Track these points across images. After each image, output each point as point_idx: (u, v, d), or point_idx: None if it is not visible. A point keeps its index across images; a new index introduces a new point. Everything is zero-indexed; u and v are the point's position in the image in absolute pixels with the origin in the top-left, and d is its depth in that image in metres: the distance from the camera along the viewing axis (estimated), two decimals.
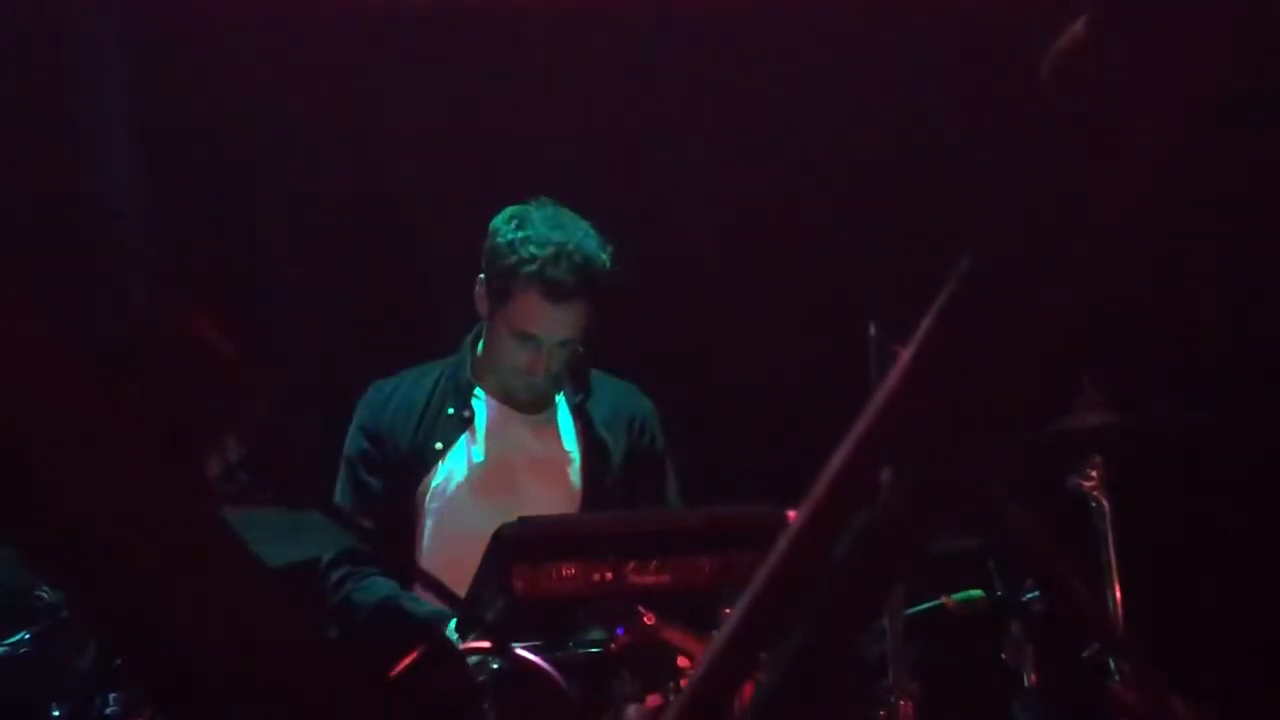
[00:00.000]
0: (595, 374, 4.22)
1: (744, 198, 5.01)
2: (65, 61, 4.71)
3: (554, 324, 3.99)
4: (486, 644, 3.07)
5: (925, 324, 1.19)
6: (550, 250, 3.95)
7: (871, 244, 4.82)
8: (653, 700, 3.15)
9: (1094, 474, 3.61)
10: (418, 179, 4.99)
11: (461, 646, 3.13)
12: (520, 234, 3.99)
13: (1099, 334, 3.86)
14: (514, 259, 3.98)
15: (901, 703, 3.25)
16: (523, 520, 3.37)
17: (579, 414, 4.14)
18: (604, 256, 3.99)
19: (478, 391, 4.14)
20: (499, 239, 4.02)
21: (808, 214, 4.93)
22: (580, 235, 3.98)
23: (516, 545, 3.27)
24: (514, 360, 4.04)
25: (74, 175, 4.65)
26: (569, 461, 4.12)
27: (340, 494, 4.07)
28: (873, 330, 3.21)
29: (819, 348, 4.58)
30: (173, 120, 4.77)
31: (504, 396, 4.14)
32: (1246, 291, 4.72)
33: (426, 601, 3.86)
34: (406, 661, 2.36)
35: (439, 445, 4.09)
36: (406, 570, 3.92)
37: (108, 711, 3.25)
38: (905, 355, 1.24)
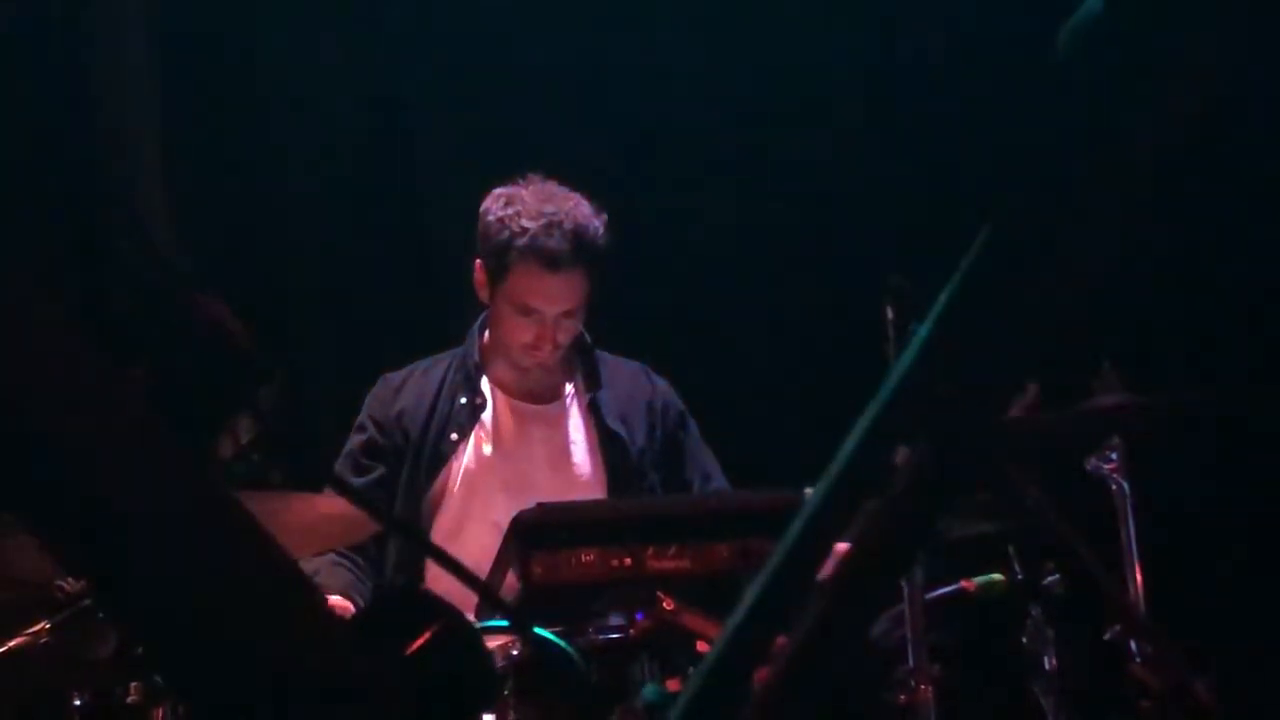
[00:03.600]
0: (605, 357, 4.21)
1: (761, 179, 5.00)
2: (86, 39, 4.73)
3: (553, 294, 3.99)
4: (505, 624, 3.08)
5: (940, 302, 1.19)
6: (542, 221, 3.97)
7: (890, 226, 4.81)
8: (672, 685, 3.15)
9: (1114, 455, 3.59)
10: (438, 165, 4.99)
11: (480, 626, 3.13)
12: (511, 210, 4.00)
13: (1117, 314, 3.84)
14: (506, 234, 3.99)
15: (921, 686, 3.25)
16: (541, 506, 3.37)
17: (589, 407, 4.14)
18: (597, 224, 4.00)
19: (485, 380, 4.15)
20: (490, 217, 4.03)
21: (826, 196, 4.93)
22: (571, 205, 4.00)
23: (535, 531, 3.27)
24: (520, 337, 4.03)
25: (92, 159, 4.66)
26: (580, 452, 4.12)
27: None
28: (890, 313, 3.21)
29: (836, 330, 4.58)
30: (194, 105, 4.79)
31: (513, 388, 4.14)
32: (1266, 268, 4.70)
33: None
34: (422, 639, 2.36)
35: (454, 437, 4.09)
36: (425, 550, 3.92)
37: (128, 700, 3.25)
38: (920, 334, 1.24)
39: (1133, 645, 3.41)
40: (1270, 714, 4.12)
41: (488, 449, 4.09)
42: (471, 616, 3.13)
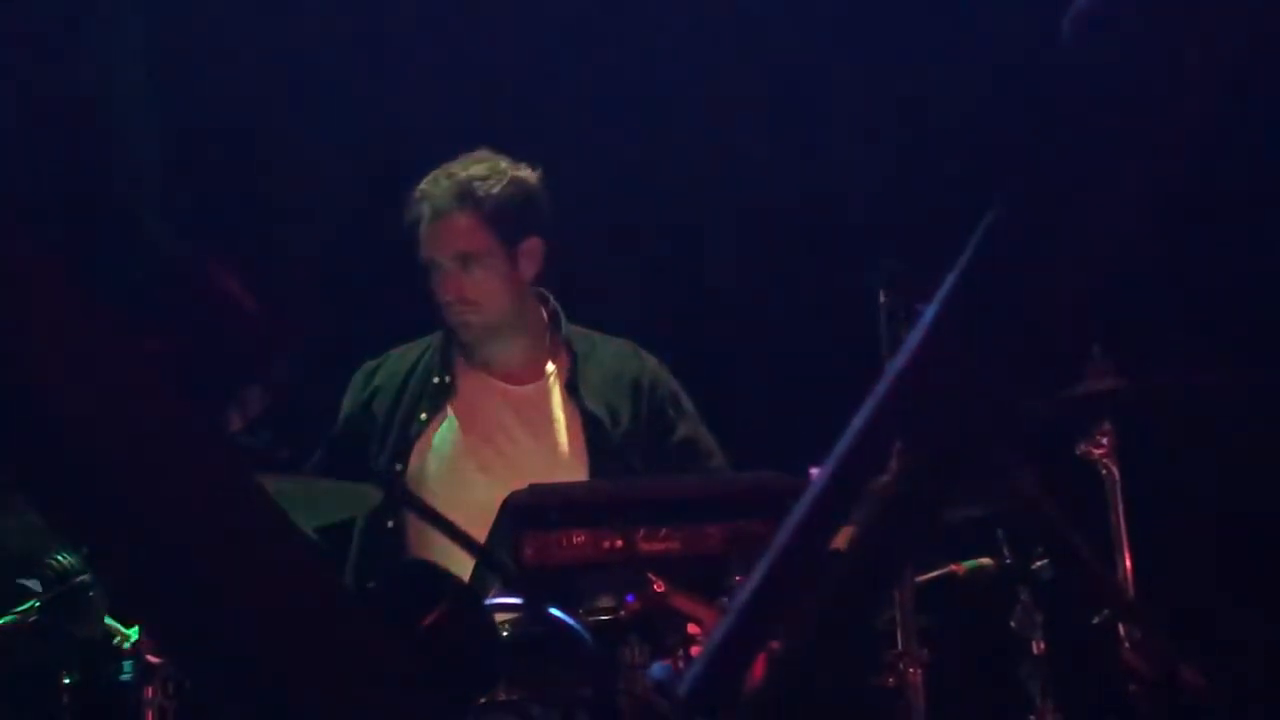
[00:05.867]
0: (592, 336, 4.21)
1: (754, 162, 5.00)
2: (84, 21, 4.72)
3: (439, 241, 4.03)
4: (517, 600, 3.09)
5: (947, 285, 1.19)
6: (432, 176, 4.04)
7: (883, 211, 4.81)
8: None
9: (1103, 440, 3.60)
10: (436, 145, 4.98)
11: (490, 602, 3.14)
12: (423, 182, 4.06)
13: (1109, 298, 3.85)
14: (412, 199, 4.06)
15: (910, 670, 3.26)
16: (533, 487, 3.37)
17: (567, 387, 4.14)
18: (491, 181, 4.02)
19: (461, 363, 4.16)
20: (411, 194, 4.08)
21: (820, 180, 4.93)
22: (477, 164, 4.04)
23: (526, 512, 3.27)
24: (438, 297, 4.08)
25: (97, 135, 4.66)
26: (562, 433, 4.12)
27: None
28: (883, 298, 3.21)
29: (828, 315, 4.58)
30: (194, 82, 4.79)
31: (493, 368, 4.14)
32: (1258, 253, 4.70)
33: None
34: (434, 615, 2.37)
35: (423, 416, 4.09)
36: (436, 522, 3.91)
37: (120, 678, 3.25)
38: (924, 319, 1.24)
39: (1121, 630, 3.42)
40: (1258, 699, 4.14)
41: (464, 430, 4.09)
42: None
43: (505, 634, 3.10)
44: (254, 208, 4.86)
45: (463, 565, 3.46)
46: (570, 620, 2.93)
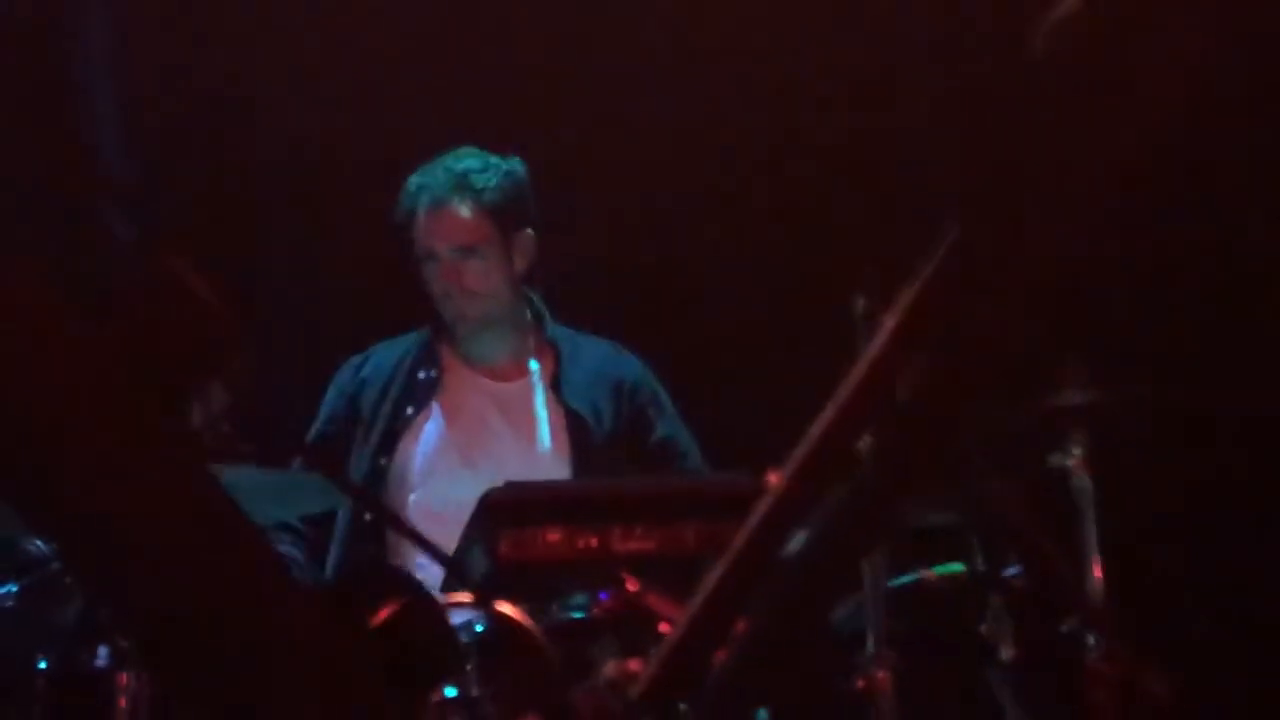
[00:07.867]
0: (575, 336, 4.23)
1: (731, 167, 5.01)
2: (54, 13, 4.72)
3: (441, 231, 4.08)
4: (469, 598, 3.10)
5: (909, 293, 1.20)
6: (428, 170, 4.10)
7: (860, 215, 4.82)
8: (635, 665, 3.16)
9: (1076, 452, 3.61)
10: (415, 137, 4.98)
11: (445, 600, 3.15)
12: (417, 174, 4.11)
13: (1083, 310, 3.86)
14: (406, 192, 4.11)
15: (880, 674, 3.27)
16: (510, 484, 3.39)
17: (552, 385, 4.16)
18: (488, 174, 4.06)
19: (447, 358, 4.17)
20: (403, 188, 4.11)
21: (796, 184, 4.94)
22: (469, 157, 4.07)
23: (503, 509, 3.28)
24: (434, 288, 4.11)
25: (62, 124, 4.65)
26: (545, 431, 4.14)
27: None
28: (860, 303, 3.22)
29: (806, 319, 4.59)
30: (164, 72, 4.78)
31: (478, 365, 4.16)
32: (1232, 266, 4.72)
33: None
34: (388, 613, 2.38)
35: (410, 410, 4.11)
36: (397, 527, 3.94)
37: (95, 664, 3.26)
38: (888, 324, 1.25)
39: (1090, 638, 3.43)
40: (1228, 709, 4.16)
41: (449, 426, 4.11)
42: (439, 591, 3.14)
43: (462, 633, 3.10)
44: (220, 200, 4.86)
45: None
46: (523, 619, 2.94)
